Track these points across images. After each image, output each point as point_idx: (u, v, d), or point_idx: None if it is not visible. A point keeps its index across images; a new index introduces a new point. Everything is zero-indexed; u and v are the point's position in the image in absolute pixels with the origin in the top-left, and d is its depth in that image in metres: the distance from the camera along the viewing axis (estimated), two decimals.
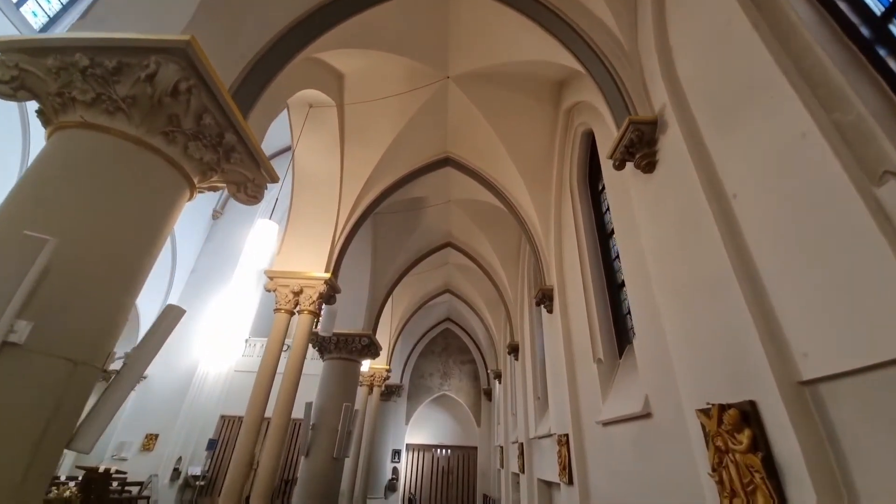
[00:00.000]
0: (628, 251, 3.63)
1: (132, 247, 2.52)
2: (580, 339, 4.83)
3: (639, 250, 3.37)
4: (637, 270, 3.42)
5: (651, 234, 2.84)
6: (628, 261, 3.61)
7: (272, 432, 4.82)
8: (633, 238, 3.54)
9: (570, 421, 4.61)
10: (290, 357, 5.24)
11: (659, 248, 2.71)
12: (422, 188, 8.01)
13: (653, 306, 3.06)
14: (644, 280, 3.24)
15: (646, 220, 2.93)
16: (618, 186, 3.94)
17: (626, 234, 3.70)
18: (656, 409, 2.95)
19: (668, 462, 2.75)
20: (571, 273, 5.32)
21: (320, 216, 6.04)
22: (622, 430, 3.52)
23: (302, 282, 5.58)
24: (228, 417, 14.69)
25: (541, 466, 6.61)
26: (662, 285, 2.65)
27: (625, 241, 3.71)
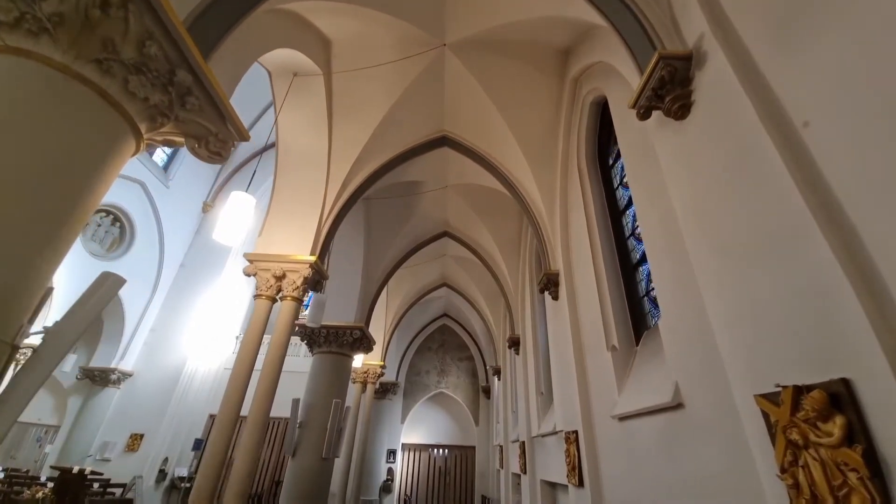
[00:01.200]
0: (650, 220, 3.17)
1: (53, 199, 2.05)
2: (590, 326, 4.38)
3: (664, 216, 2.92)
4: (662, 240, 2.96)
5: (685, 190, 2.38)
6: (650, 231, 3.16)
7: (249, 430, 4.34)
8: (656, 204, 3.08)
9: (579, 416, 4.16)
10: (270, 347, 4.76)
11: (697, 204, 2.25)
12: (417, 171, 7.54)
13: (684, 278, 2.61)
14: (672, 250, 2.79)
15: (678, 176, 2.47)
16: (636, 148, 3.48)
17: (647, 201, 3.25)
18: (690, 398, 2.49)
19: (706, 460, 2.30)
20: (580, 256, 4.86)
21: (306, 196, 5.56)
22: (644, 425, 3.07)
23: (285, 265, 5.10)
24: None
25: (545, 466, 6.16)
26: (702, 249, 2.19)
27: (645, 210, 3.26)
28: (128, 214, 13.60)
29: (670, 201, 2.82)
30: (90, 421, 13.26)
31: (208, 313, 15.09)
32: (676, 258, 2.71)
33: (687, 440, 2.50)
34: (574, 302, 4.83)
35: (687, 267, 2.55)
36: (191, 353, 14.50)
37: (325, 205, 5.61)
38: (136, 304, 14.12)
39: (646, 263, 3.93)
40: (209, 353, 14.73)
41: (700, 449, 2.36)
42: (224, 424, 4.23)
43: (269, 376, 4.56)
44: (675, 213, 2.65)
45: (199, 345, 14.65)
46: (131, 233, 13.84)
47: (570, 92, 5.32)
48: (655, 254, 3.06)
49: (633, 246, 4.20)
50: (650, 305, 3.79)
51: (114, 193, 12.96)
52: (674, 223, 2.75)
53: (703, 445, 2.34)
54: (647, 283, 3.89)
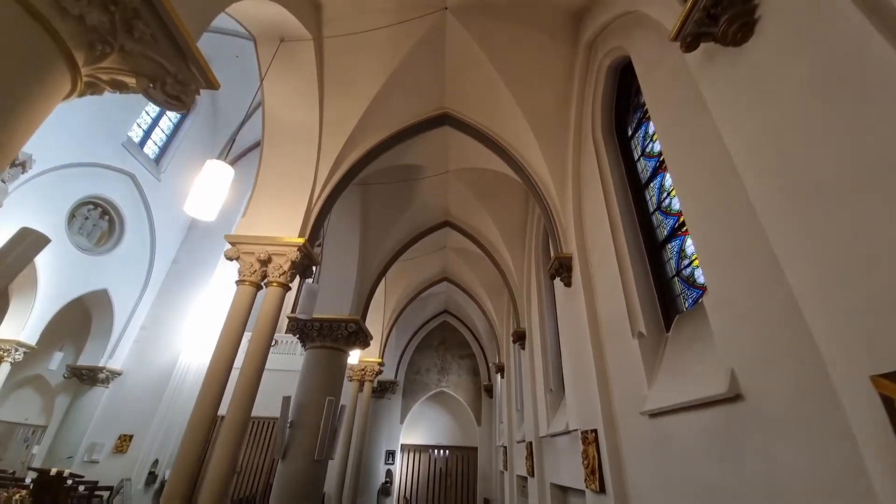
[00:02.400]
0: (689, 181, 2.70)
1: None
2: (610, 313, 3.91)
3: (711, 171, 2.45)
4: (706, 201, 2.49)
5: (751, 126, 1.91)
6: (689, 194, 2.69)
7: (227, 427, 3.87)
8: (698, 159, 2.61)
9: (599, 413, 3.68)
10: (253, 337, 4.28)
11: (771, 139, 1.78)
12: (416, 154, 7.07)
13: (742, 241, 2.14)
14: (723, 209, 2.32)
15: (738, 113, 2.00)
16: (668, 101, 3.01)
17: (684, 159, 2.78)
18: (752, 387, 2.02)
19: (781, 463, 1.83)
20: (596, 236, 4.40)
21: (295, 174, 5.09)
22: (683, 422, 2.60)
23: (271, 248, 4.63)
24: None
25: (555, 469, 5.68)
26: (779, 195, 1.72)
27: (682, 170, 2.79)
28: (117, 207, 13.12)
29: (718, 152, 2.36)
30: (78, 421, 12.80)
31: (202, 310, 14.62)
32: (730, 218, 2.24)
33: (749, 439, 2.03)
34: (590, 287, 4.36)
35: (746, 227, 2.08)
36: (183, 351, 14.03)
37: (315, 184, 5.13)
38: (125, 301, 13.64)
39: (676, 239, 3.46)
40: (203, 351, 14.25)
41: (770, 449, 1.89)
42: (199, 423, 3.76)
43: (251, 370, 4.09)
44: (730, 163, 2.19)
45: (193, 343, 14.17)
46: (121, 227, 13.36)
47: (584, 58, 4.85)
48: (697, 220, 2.58)
49: (660, 221, 3.73)
50: (682, 286, 3.32)
51: (101, 185, 12.52)
52: (726, 176, 2.28)
53: (775, 444, 1.86)
54: (677, 260, 3.42)
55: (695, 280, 3.17)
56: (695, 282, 3.16)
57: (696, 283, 3.14)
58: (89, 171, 12.20)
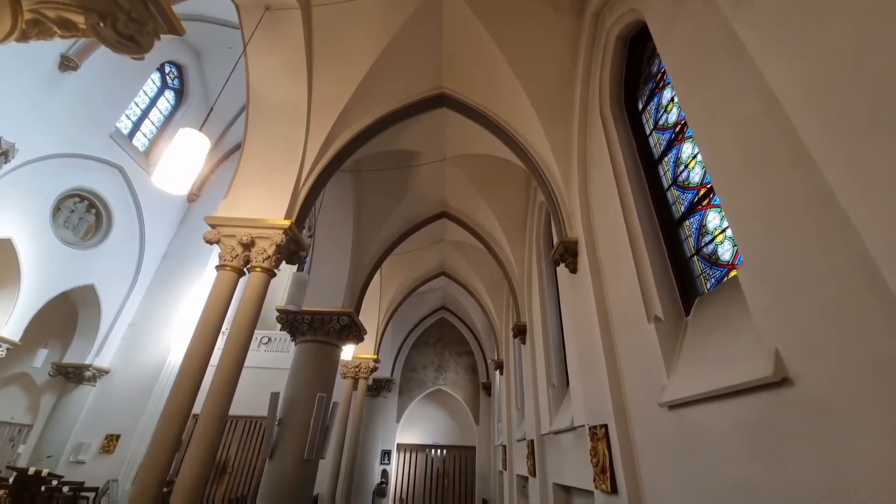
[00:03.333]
0: (717, 142, 2.39)
1: None
2: (621, 298, 3.61)
3: (743, 128, 2.14)
4: (739, 162, 2.18)
5: (805, 60, 1.60)
6: (718, 157, 2.38)
7: (202, 424, 3.53)
8: (726, 118, 2.30)
9: (610, 407, 3.38)
10: (233, 325, 3.95)
11: (834, 70, 1.47)
12: (412, 139, 6.76)
13: (789, 202, 1.83)
14: (763, 167, 2.00)
15: (787, 42, 1.69)
16: (691, 59, 2.69)
17: (711, 118, 2.47)
18: (805, 369, 1.71)
19: (851, 457, 1.51)
20: (605, 217, 4.09)
21: (282, 153, 4.76)
22: (712, 413, 2.29)
23: (254, 231, 4.29)
24: None
25: (558, 468, 5.38)
26: (846, 136, 1.41)
27: (709, 132, 2.48)
28: (104, 200, 12.73)
29: (753, 105, 2.05)
30: (63, 420, 12.42)
31: (193, 307, 14.24)
32: (772, 177, 1.93)
33: (799, 430, 1.72)
34: (598, 272, 4.05)
35: (795, 182, 1.78)
36: (173, 349, 13.65)
37: (303, 164, 4.80)
38: (113, 297, 13.25)
39: (694, 215, 3.16)
40: None
41: (828, 442, 1.58)
42: (171, 420, 3.43)
43: (230, 362, 3.75)
44: (771, 113, 1.88)
45: (183, 341, 13.79)
46: (108, 220, 12.96)
47: (591, 30, 4.55)
48: (728, 185, 2.27)
49: (676, 197, 3.43)
50: (703, 266, 3.02)
51: (88, 177, 12.15)
52: (765, 130, 1.97)
53: (835, 436, 1.55)
54: (696, 238, 3.11)
55: (717, 258, 2.86)
56: (717, 259, 2.86)
57: (720, 262, 2.84)
58: (75, 162, 11.79)
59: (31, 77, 9.82)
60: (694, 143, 3.24)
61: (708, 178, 3.00)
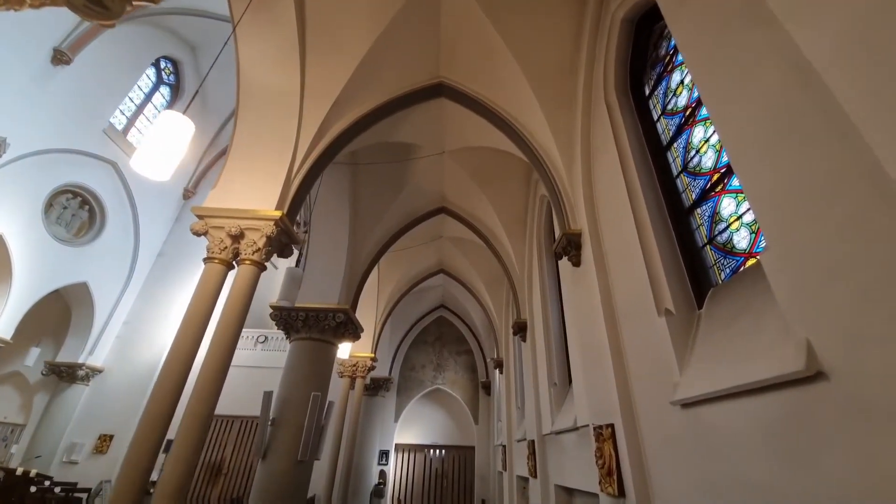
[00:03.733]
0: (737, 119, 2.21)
1: None
2: (628, 291, 3.43)
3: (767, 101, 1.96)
4: (762, 138, 2.00)
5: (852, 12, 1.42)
6: (738, 134, 2.19)
7: (186, 423, 3.34)
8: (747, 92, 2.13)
9: (616, 405, 3.20)
10: (220, 319, 3.77)
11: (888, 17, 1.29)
12: (410, 131, 6.57)
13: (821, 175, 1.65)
14: (789, 142, 1.83)
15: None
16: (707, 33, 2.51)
17: (729, 94, 2.28)
18: (842, 362, 1.53)
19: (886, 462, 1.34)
20: (610, 208, 3.91)
21: (273, 141, 4.58)
22: (733, 411, 2.11)
23: (244, 222, 4.11)
24: None
25: (560, 469, 5.20)
26: None
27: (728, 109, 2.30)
28: (98, 197, 12.52)
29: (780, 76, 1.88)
30: (56, 420, 12.24)
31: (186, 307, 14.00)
32: (803, 150, 1.75)
33: (834, 429, 1.54)
34: (603, 264, 3.87)
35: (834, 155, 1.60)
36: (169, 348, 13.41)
37: (296, 153, 4.62)
38: (107, 295, 13.04)
39: (707, 202, 2.98)
40: None
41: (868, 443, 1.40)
42: (153, 420, 3.24)
43: (217, 358, 3.57)
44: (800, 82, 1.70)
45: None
46: (101, 217, 12.75)
47: (595, 13, 4.37)
48: (751, 163, 2.09)
49: (687, 184, 3.25)
50: (716, 255, 2.84)
51: (81, 173, 11.95)
52: (794, 101, 1.80)
53: (882, 436, 1.38)
54: (709, 226, 2.94)
55: (733, 246, 2.69)
56: (733, 248, 2.68)
57: (735, 251, 2.66)
58: (68, 157, 11.59)
59: (23, 71, 9.61)
60: (706, 125, 3.06)
61: (723, 162, 2.82)
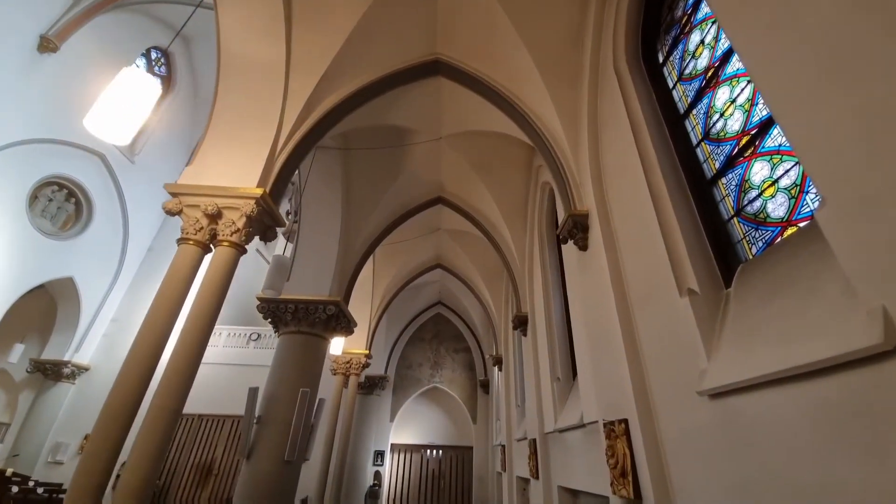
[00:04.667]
0: (780, 63, 1.89)
1: None
2: (642, 272, 3.12)
3: (819, 34, 1.64)
4: (815, 78, 1.68)
5: None
6: (782, 78, 1.87)
7: (151, 418, 3.01)
8: (793, 31, 1.80)
9: (631, 398, 2.88)
10: (193, 304, 3.43)
11: None
12: (405, 114, 6.24)
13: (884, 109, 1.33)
14: (858, 72, 1.51)
15: None
16: None
17: (768, 38, 1.96)
18: None
19: None
20: (621, 185, 3.60)
21: (255, 117, 4.24)
22: (779, 400, 1.79)
23: (221, 201, 3.77)
24: (186, 415, 12.75)
25: (564, 470, 4.87)
26: None
27: (766, 53, 1.98)
28: (84, 189, 12.14)
29: None
30: (41, 419, 11.87)
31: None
32: (879, 80, 1.43)
33: None
34: (613, 245, 3.55)
35: None
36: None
37: (281, 129, 4.28)
38: (94, 291, 12.65)
39: (733, 170, 2.66)
40: None
41: None
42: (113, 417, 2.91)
43: (188, 347, 3.24)
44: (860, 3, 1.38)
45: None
46: (88, 210, 12.36)
47: None
48: (800, 110, 1.77)
49: (709, 152, 2.93)
50: (746, 228, 2.52)
51: (67, 165, 11.57)
52: (861, 29, 1.47)
53: None
54: (737, 197, 2.62)
55: (766, 216, 2.37)
56: (767, 218, 2.36)
57: (770, 220, 2.34)
58: (53, 148, 11.21)
59: (7, 57, 9.23)
60: (733, 84, 2.74)
61: (753, 122, 2.51)
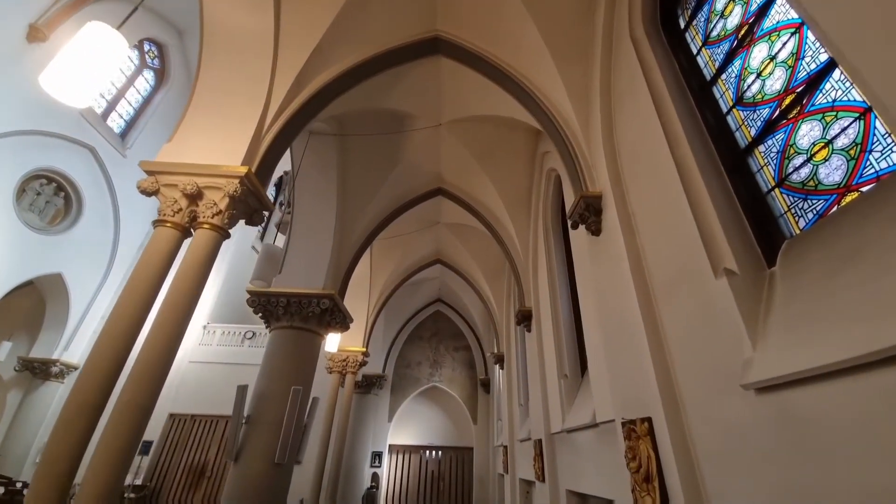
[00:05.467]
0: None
1: None
2: (666, 256, 2.81)
3: None
4: None
5: None
6: (846, 13, 1.56)
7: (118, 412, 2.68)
8: None
9: (656, 393, 2.57)
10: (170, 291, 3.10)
11: None
12: (402, 97, 5.92)
13: None
14: None
15: None
16: None
17: None
18: None
19: None
20: (640, 160, 3.29)
21: (241, 92, 3.92)
22: (851, 393, 1.48)
23: (202, 180, 3.44)
24: (179, 416, 12.42)
25: (574, 473, 4.56)
26: None
27: None
28: (74, 183, 11.79)
29: None
30: (29, 419, 11.53)
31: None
32: None
33: None
34: (631, 227, 3.24)
35: None
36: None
37: (269, 104, 3.96)
38: (83, 287, 12.30)
39: (774, 135, 2.35)
40: None
41: None
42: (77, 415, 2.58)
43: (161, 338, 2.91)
44: None
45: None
46: (78, 204, 12.02)
47: None
48: (859, 48, 1.46)
49: (742, 119, 2.62)
50: (792, 199, 2.21)
51: (56, 157, 11.23)
52: None
53: None
54: (778, 165, 2.31)
55: (818, 183, 2.06)
56: (818, 185, 2.06)
57: (822, 187, 2.03)
58: (42, 140, 10.88)
59: None
60: (772, 39, 2.43)
61: (799, 79, 2.20)
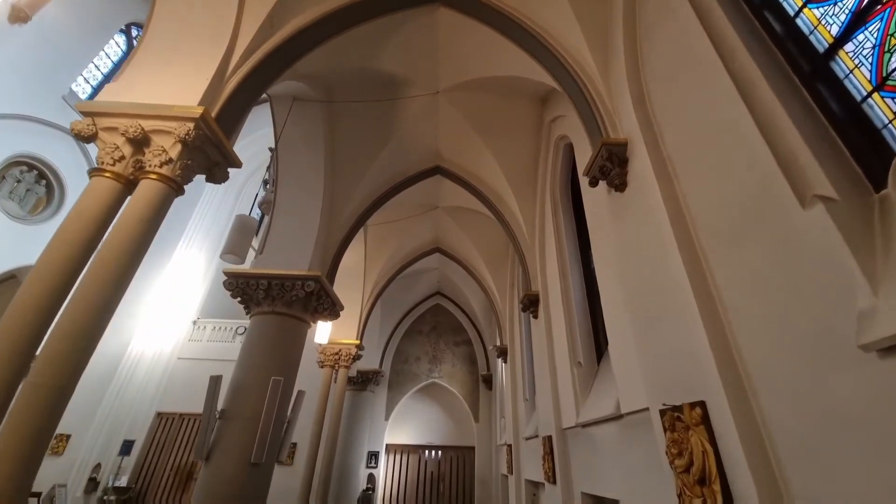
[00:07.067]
0: None
1: None
2: (717, 203, 2.24)
3: None
4: None
5: None
6: None
7: (23, 397, 2.10)
8: None
9: (713, 371, 1.99)
10: (101, 251, 2.54)
11: None
12: (396, 56, 5.34)
13: None
14: None
15: None
16: None
17: None
18: None
19: None
20: (678, 92, 2.72)
21: (202, 26, 3.34)
22: None
23: (148, 122, 2.86)
24: (167, 415, 11.86)
25: (591, 473, 3.97)
26: None
27: None
28: (55, 170, 11.24)
29: None
30: None
31: (158, 295, 12.83)
32: None
33: None
34: (668, 175, 2.66)
35: None
36: (136, 338, 12.21)
37: (235, 44, 3.38)
38: None
39: (861, 30, 1.77)
40: (157, 340, 12.41)
41: None
42: None
43: (86, 309, 2.33)
44: None
45: (146, 331, 12.35)
46: (60, 193, 11.46)
47: None
48: None
49: (816, 19, 2.03)
50: None
51: (37, 143, 10.69)
52: None
53: None
54: (875, 67, 1.73)
55: None
56: None
57: None
58: (22, 125, 10.36)
59: None
60: None
61: None
